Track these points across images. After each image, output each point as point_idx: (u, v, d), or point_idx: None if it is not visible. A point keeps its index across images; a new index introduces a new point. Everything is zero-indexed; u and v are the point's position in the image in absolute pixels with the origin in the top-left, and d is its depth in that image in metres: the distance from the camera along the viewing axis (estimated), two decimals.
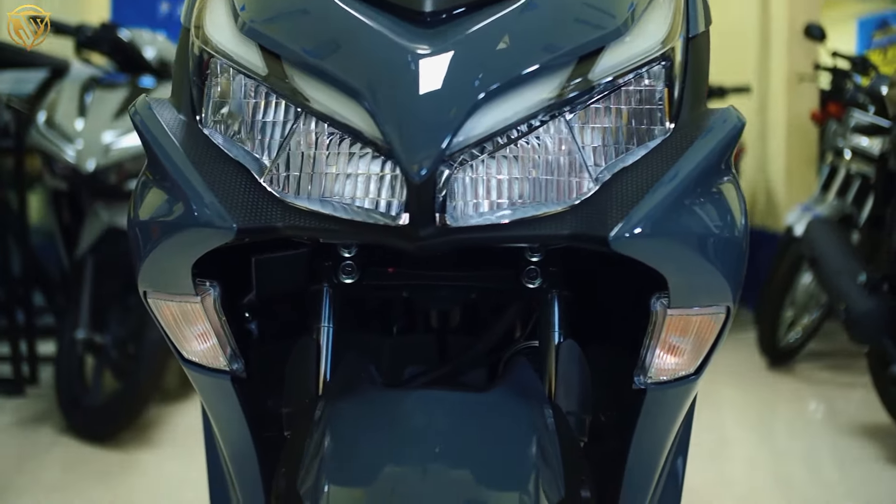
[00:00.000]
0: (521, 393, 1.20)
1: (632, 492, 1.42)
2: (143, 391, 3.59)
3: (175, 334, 1.32)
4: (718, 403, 4.18)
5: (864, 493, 3.26)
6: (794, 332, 4.75)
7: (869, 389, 3.92)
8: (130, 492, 3.22)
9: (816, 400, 4.40)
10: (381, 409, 1.15)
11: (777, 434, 4.03)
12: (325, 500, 1.02)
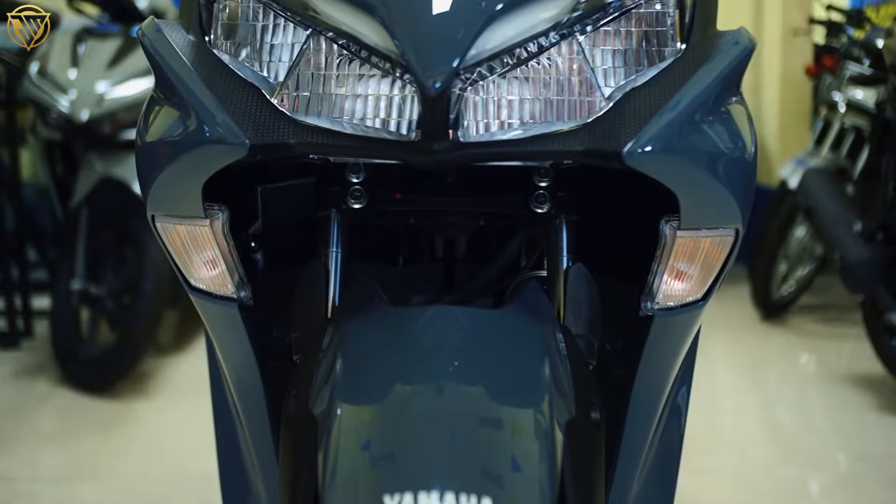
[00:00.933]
0: (531, 313, 1.20)
1: (637, 420, 1.43)
2: (139, 342, 3.59)
3: (183, 260, 1.32)
4: (711, 355, 4.20)
5: (857, 442, 3.28)
6: (788, 285, 4.76)
7: (862, 341, 3.94)
8: (127, 440, 3.23)
9: (809, 351, 4.43)
10: (392, 327, 1.14)
11: (769, 384, 4.05)
12: (338, 420, 1.01)
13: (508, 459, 0.96)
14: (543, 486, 0.95)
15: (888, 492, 2.85)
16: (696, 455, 2.96)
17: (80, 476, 2.93)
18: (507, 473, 0.94)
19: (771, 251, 4.65)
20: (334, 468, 0.96)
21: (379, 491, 0.89)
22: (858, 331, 4.06)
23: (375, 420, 1.01)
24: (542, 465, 0.97)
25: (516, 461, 0.96)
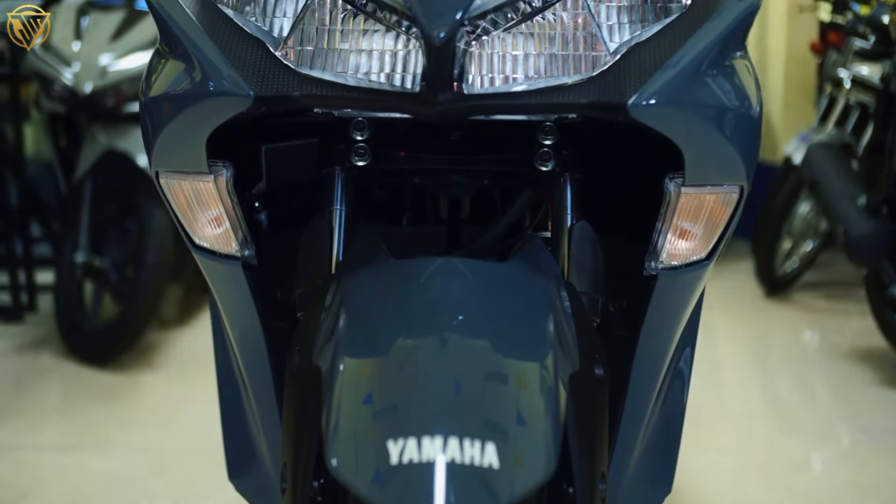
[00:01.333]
0: (535, 268, 1.20)
1: (640, 380, 1.43)
2: (143, 313, 3.59)
3: (187, 218, 1.32)
4: (714, 330, 4.20)
5: (859, 415, 3.29)
6: (791, 261, 4.75)
7: (865, 317, 3.94)
8: (131, 411, 3.24)
9: (812, 327, 4.42)
10: (396, 280, 1.14)
11: (772, 359, 4.05)
12: (341, 374, 1.01)
13: (513, 413, 0.96)
14: (548, 440, 0.95)
15: (891, 463, 2.86)
16: (698, 426, 2.97)
17: (85, 446, 2.94)
18: (511, 427, 0.94)
19: (775, 227, 4.64)
20: (337, 420, 0.96)
21: (382, 438, 0.90)
22: (862, 307, 4.06)
23: (379, 373, 1.01)
24: (547, 419, 0.97)
25: (521, 415, 0.96)
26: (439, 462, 0.86)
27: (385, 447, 0.88)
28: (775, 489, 2.69)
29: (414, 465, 0.86)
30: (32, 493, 2.60)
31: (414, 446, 0.87)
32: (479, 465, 0.86)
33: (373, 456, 0.88)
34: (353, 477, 0.88)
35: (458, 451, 0.86)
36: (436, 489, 0.84)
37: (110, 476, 2.70)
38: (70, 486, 2.65)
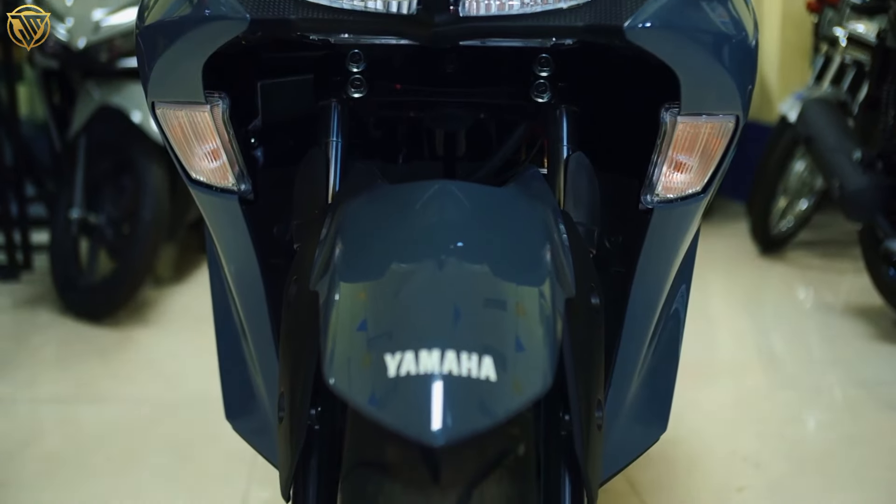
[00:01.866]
0: (532, 196, 1.20)
1: (637, 315, 1.43)
2: (139, 269, 3.60)
3: (184, 151, 1.31)
4: (708, 286, 4.21)
5: (854, 369, 3.30)
6: (787, 220, 4.76)
7: (860, 275, 3.95)
8: (126, 366, 3.25)
9: (806, 284, 4.44)
10: (393, 205, 1.14)
11: (767, 315, 4.06)
12: (338, 297, 1.01)
13: (511, 329, 0.96)
14: (545, 355, 0.95)
15: (886, 416, 2.87)
16: (693, 378, 2.99)
17: (81, 398, 2.95)
18: (508, 341, 0.94)
19: (770, 186, 4.64)
20: (335, 339, 0.96)
21: (379, 352, 0.90)
22: (857, 266, 4.07)
23: (376, 295, 1.00)
24: (544, 336, 0.96)
25: (518, 330, 0.96)
26: (437, 374, 0.86)
27: (383, 361, 0.88)
28: (769, 440, 2.70)
29: (411, 378, 0.86)
30: (30, 443, 2.61)
31: (411, 359, 0.87)
32: (476, 377, 0.86)
33: (370, 370, 0.88)
34: (350, 391, 0.88)
35: (456, 364, 0.86)
36: (433, 400, 0.84)
37: (107, 427, 2.71)
38: (67, 437, 2.66)
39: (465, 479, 0.86)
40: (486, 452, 0.89)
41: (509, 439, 0.91)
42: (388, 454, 0.89)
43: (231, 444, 2.55)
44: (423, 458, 0.87)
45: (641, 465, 2.41)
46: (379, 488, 0.87)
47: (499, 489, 0.87)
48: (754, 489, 2.38)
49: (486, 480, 0.87)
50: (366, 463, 0.90)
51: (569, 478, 1.17)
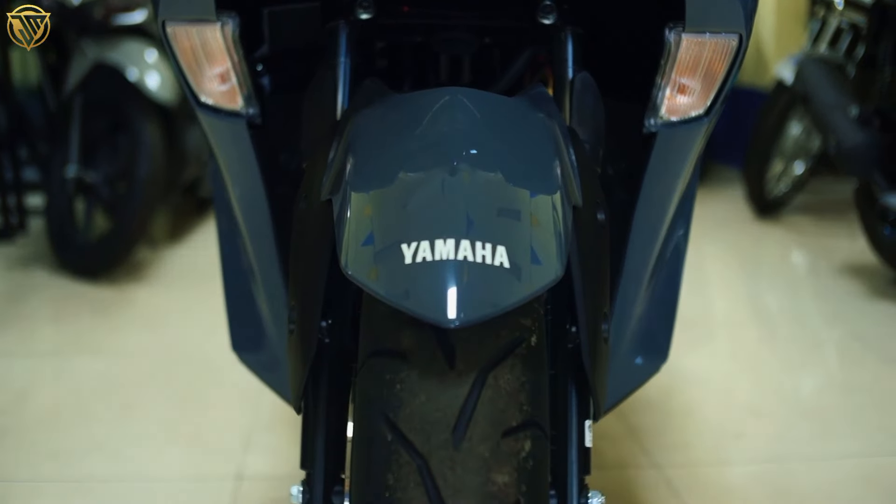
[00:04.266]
0: (540, 108, 1.20)
1: (639, 243, 1.44)
2: (135, 228, 3.59)
3: (193, 71, 1.31)
4: (705, 249, 4.22)
5: (850, 324, 3.31)
6: (782, 183, 4.76)
7: (856, 239, 3.97)
8: (123, 321, 3.25)
9: (802, 246, 4.45)
10: (403, 115, 1.13)
11: (762, 275, 4.07)
12: (351, 203, 1.01)
13: (523, 221, 0.95)
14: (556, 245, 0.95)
15: (882, 367, 2.89)
16: (690, 332, 3.00)
17: (79, 351, 2.95)
18: (521, 232, 0.93)
19: (766, 149, 4.64)
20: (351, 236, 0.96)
21: (396, 242, 0.90)
22: (852, 229, 4.08)
23: (391, 197, 0.99)
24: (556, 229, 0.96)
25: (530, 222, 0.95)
26: (452, 260, 0.86)
27: (399, 250, 0.88)
28: (765, 390, 2.71)
29: (427, 264, 0.86)
30: (29, 395, 2.61)
31: (427, 247, 0.87)
32: (490, 263, 0.87)
33: (386, 258, 0.89)
34: (367, 279, 0.88)
35: (471, 252, 0.87)
36: (448, 284, 0.85)
37: (104, 379, 2.71)
38: (64, 390, 2.65)
39: (479, 365, 0.87)
40: (500, 340, 0.89)
41: (521, 329, 0.91)
42: (404, 341, 0.89)
43: (231, 393, 2.57)
44: (439, 344, 0.88)
45: (640, 411, 2.43)
46: (396, 375, 0.88)
47: (512, 375, 0.88)
48: (752, 437, 2.40)
49: (499, 366, 0.87)
50: (382, 352, 0.90)
51: (576, 390, 1.18)
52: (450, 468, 0.84)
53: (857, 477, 2.16)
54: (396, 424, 0.86)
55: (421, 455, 0.85)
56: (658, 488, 2.08)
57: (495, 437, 0.86)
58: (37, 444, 2.29)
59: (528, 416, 0.88)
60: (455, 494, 0.84)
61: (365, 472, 0.88)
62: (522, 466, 0.87)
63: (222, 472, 2.13)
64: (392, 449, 0.86)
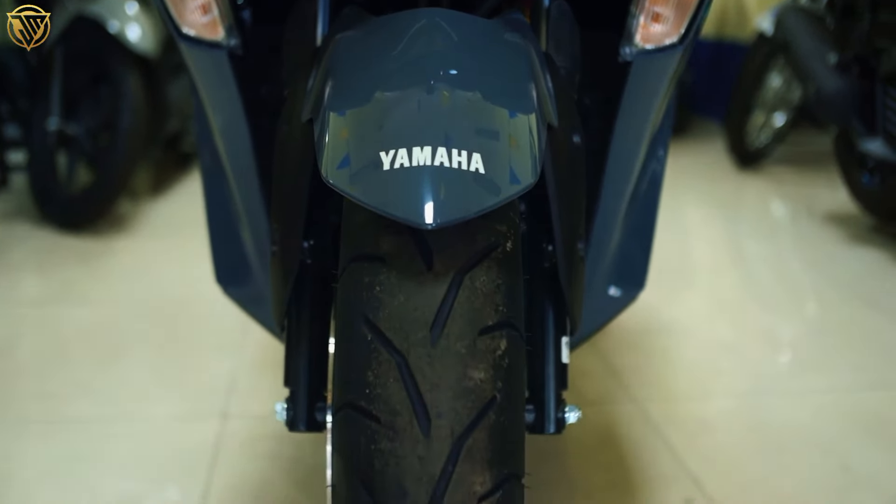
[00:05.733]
0: (517, 32, 1.21)
1: (615, 175, 1.46)
2: (118, 178, 3.59)
3: (175, 3, 1.32)
4: (686, 198, 4.25)
5: (828, 268, 3.35)
6: (764, 135, 4.80)
7: (836, 188, 4.00)
8: (107, 271, 3.26)
9: (782, 195, 4.48)
10: (382, 36, 1.15)
11: (742, 223, 4.11)
12: (331, 120, 1.02)
13: (498, 131, 0.96)
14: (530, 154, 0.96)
15: (856, 309, 2.92)
16: (670, 279, 3.04)
17: (64, 300, 2.96)
18: (497, 142, 0.95)
19: (746, 100, 4.67)
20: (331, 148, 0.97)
21: (374, 150, 0.91)
22: (832, 179, 4.12)
23: (370, 113, 1.00)
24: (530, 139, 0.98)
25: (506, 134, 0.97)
26: (429, 165, 0.88)
27: (378, 157, 0.90)
28: (743, 330, 2.75)
29: (405, 169, 0.88)
30: (14, 342, 2.63)
31: (405, 154, 0.89)
32: (466, 169, 0.89)
33: (366, 166, 0.90)
34: (347, 186, 0.90)
35: (447, 158, 0.89)
36: (425, 188, 0.87)
37: (89, 326, 2.72)
38: (51, 335, 2.67)
39: (456, 267, 0.89)
40: (476, 244, 0.91)
41: (497, 235, 0.93)
42: (383, 246, 0.91)
43: (215, 338, 2.60)
44: (417, 247, 0.90)
45: (620, 351, 2.46)
46: (375, 278, 0.90)
47: (488, 277, 0.90)
48: (729, 373, 2.43)
49: (475, 269, 0.90)
50: (362, 257, 0.92)
51: (552, 308, 1.21)
52: (428, 364, 0.87)
53: (832, 411, 2.20)
54: (376, 324, 0.88)
55: (399, 352, 0.87)
56: (637, 423, 2.11)
57: (472, 336, 0.88)
58: (22, 388, 2.31)
59: (504, 316, 0.91)
60: (433, 389, 0.86)
61: (346, 371, 0.90)
62: (498, 364, 0.89)
63: (207, 412, 2.15)
64: (372, 347, 0.88)
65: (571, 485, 1.85)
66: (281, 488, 1.83)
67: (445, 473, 0.86)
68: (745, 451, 2.02)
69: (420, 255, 0.90)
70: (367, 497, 0.87)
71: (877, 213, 3.68)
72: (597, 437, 2.05)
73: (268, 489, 1.83)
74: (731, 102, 4.76)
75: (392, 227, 0.91)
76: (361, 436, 0.88)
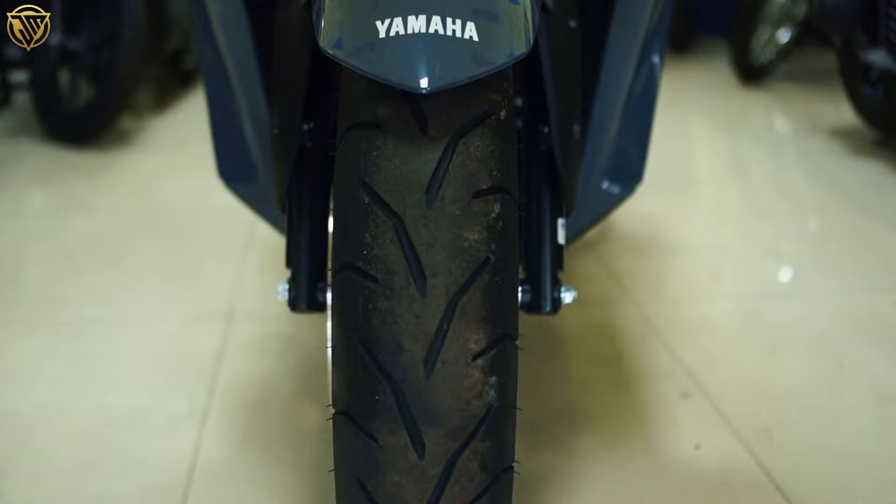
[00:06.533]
0: None
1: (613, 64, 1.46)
2: (120, 92, 3.59)
3: None
4: (689, 112, 4.25)
5: (828, 177, 3.36)
6: (768, 51, 4.77)
7: (839, 102, 3.99)
8: (111, 184, 3.28)
9: (786, 110, 4.48)
10: None
11: (745, 136, 4.11)
12: (325, 2, 1.02)
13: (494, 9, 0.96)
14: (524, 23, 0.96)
15: (858, 217, 2.94)
16: (671, 184, 3.05)
17: (69, 211, 2.99)
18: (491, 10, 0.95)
19: (751, 15, 4.64)
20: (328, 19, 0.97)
21: (369, 19, 0.92)
22: (836, 95, 4.11)
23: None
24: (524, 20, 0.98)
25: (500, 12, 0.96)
26: (423, 33, 0.89)
27: (373, 26, 0.91)
28: (743, 236, 2.77)
29: (400, 37, 0.89)
30: (19, 250, 2.66)
31: (399, 22, 0.90)
32: (460, 37, 0.90)
33: (362, 34, 0.91)
34: (343, 54, 0.91)
35: (441, 26, 0.90)
36: (419, 54, 0.88)
37: (94, 234, 2.75)
38: (56, 244, 2.70)
39: (451, 132, 0.90)
40: (470, 110, 0.93)
41: (491, 103, 0.95)
42: (379, 113, 0.93)
43: (219, 244, 2.63)
44: (412, 113, 0.91)
45: (619, 253, 2.49)
46: (372, 144, 0.92)
47: (482, 143, 0.92)
48: (727, 277, 2.46)
49: (470, 134, 0.91)
50: (359, 124, 0.94)
51: (549, 191, 1.23)
52: (423, 225, 0.89)
53: (829, 313, 2.23)
54: (372, 187, 0.90)
55: (396, 214, 0.89)
56: (637, 323, 2.14)
57: (466, 198, 0.90)
58: (29, 292, 2.35)
59: (498, 181, 0.92)
60: (428, 249, 0.88)
61: (344, 234, 0.92)
62: (492, 227, 0.91)
63: (213, 312, 2.18)
64: (369, 210, 0.90)
65: (570, 379, 1.89)
66: (286, 386, 1.87)
67: (441, 331, 0.88)
68: (741, 349, 2.05)
69: (415, 120, 0.91)
70: (366, 354, 0.89)
71: (880, 126, 3.67)
72: (596, 335, 2.08)
73: (274, 386, 1.86)
74: (736, 18, 4.73)
75: (388, 95, 0.92)
76: (359, 295, 0.90)
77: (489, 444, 0.92)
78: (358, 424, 0.91)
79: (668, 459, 1.62)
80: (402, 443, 0.90)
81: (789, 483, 1.55)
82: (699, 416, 1.76)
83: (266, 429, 1.70)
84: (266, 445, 1.65)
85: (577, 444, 1.66)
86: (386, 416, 0.90)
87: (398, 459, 0.90)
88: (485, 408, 0.91)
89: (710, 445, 1.66)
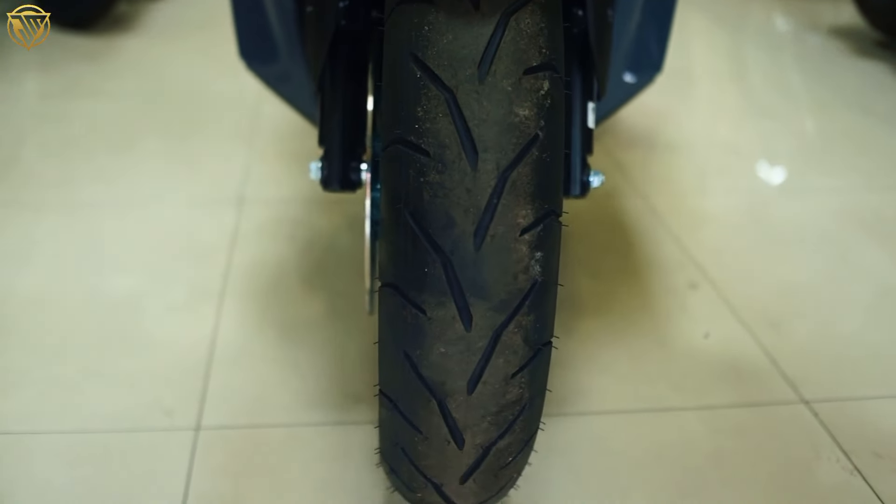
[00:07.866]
0: None
1: None
2: None
3: None
4: (689, 12, 4.21)
5: (829, 79, 3.36)
6: None
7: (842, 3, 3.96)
8: (115, 68, 3.25)
9: (787, 11, 4.44)
10: None
11: (746, 36, 4.08)
12: None
13: None
14: None
15: (859, 117, 2.95)
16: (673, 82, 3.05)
17: (73, 95, 2.96)
18: None
19: None
20: None
21: None
22: None
23: None
24: None
25: None
26: None
27: None
28: (746, 134, 2.79)
29: None
30: (24, 135, 2.65)
31: None
32: None
33: None
34: None
35: None
36: None
37: (102, 119, 2.74)
38: (64, 128, 2.68)
39: (502, 8, 0.91)
40: None
41: None
42: None
43: (228, 130, 2.62)
44: None
45: (625, 147, 2.51)
46: (423, 19, 0.92)
47: (532, 20, 0.92)
48: (732, 172, 2.48)
49: (521, 11, 0.92)
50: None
51: (580, 75, 1.23)
52: (476, 100, 0.90)
53: (828, 208, 2.26)
54: (425, 62, 0.91)
55: (448, 88, 0.90)
56: (644, 215, 2.17)
57: (517, 74, 0.91)
58: (40, 175, 2.35)
59: (547, 58, 0.93)
60: (480, 124, 0.89)
61: (395, 108, 0.93)
62: (542, 103, 0.92)
63: (224, 197, 2.20)
64: (421, 84, 0.91)
65: (581, 265, 1.92)
66: (299, 269, 1.89)
67: (490, 205, 0.90)
68: (747, 242, 2.08)
69: None
70: (416, 227, 0.91)
71: (883, 28, 3.66)
72: (605, 226, 2.10)
73: (286, 269, 1.89)
74: None
75: None
76: (411, 169, 0.91)
77: (532, 318, 0.95)
78: (406, 296, 0.93)
79: (678, 347, 1.66)
80: (450, 315, 0.92)
81: (795, 370, 1.60)
82: (707, 305, 1.80)
83: (282, 311, 1.73)
84: (283, 326, 1.68)
85: (590, 331, 1.69)
86: (435, 288, 0.92)
87: (445, 331, 0.93)
88: (530, 282, 0.93)
89: (719, 334, 1.70)
